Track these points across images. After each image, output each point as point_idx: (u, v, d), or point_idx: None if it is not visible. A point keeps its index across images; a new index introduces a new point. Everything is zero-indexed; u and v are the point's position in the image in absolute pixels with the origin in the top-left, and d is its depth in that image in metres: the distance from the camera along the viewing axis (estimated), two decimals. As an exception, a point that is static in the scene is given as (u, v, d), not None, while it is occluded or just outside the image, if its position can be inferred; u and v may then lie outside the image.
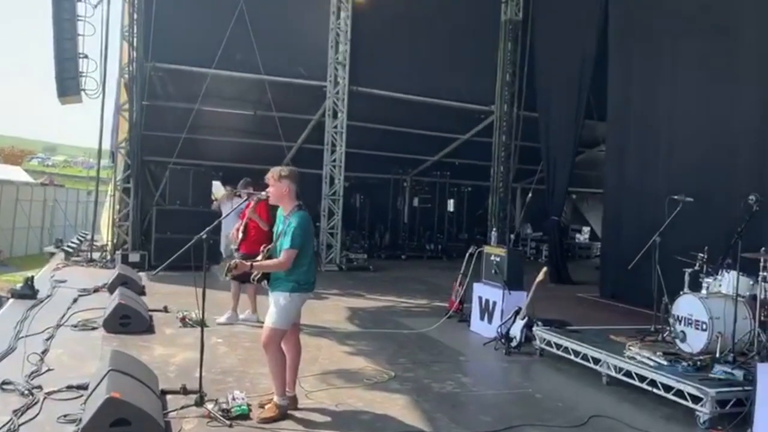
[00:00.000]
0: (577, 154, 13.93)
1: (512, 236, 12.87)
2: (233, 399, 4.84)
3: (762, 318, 5.69)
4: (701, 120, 9.93)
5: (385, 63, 14.88)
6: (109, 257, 12.96)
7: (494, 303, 7.96)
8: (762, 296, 5.70)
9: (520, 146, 16.43)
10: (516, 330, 7.28)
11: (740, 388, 5.08)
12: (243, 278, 5.56)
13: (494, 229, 10.39)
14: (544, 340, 7.04)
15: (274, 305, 4.78)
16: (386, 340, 7.64)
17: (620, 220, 11.75)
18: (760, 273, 5.70)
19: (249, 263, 4.72)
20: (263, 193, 5.06)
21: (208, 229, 4.86)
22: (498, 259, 8.16)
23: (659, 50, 10.87)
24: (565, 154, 13.59)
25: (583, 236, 21.04)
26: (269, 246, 4.92)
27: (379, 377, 6.01)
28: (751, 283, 6.00)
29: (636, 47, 11.59)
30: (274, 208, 5.14)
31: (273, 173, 4.92)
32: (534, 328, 7.24)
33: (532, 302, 7.44)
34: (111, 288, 9.04)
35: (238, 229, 7.97)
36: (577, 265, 16.33)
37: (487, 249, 8.59)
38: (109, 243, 13.44)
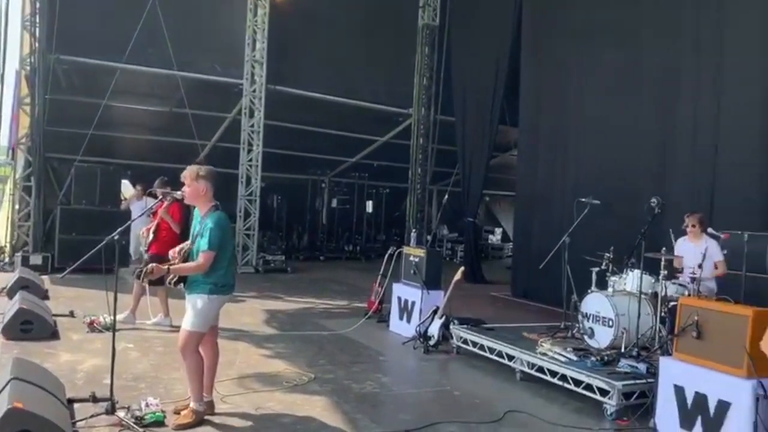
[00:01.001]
0: (491, 158, 14.33)
1: (429, 237, 13.10)
2: (147, 406, 4.66)
3: (662, 314, 6.07)
4: (607, 126, 10.44)
5: (304, 62, 14.75)
6: (7, 260, 12.19)
7: (413, 303, 8.06)
8: (662, 293, 6.08)
9: (437, 149, 16.74)
10: (434, 329, 7.40)
11: (644, 381, 5.38)
12: (157, 282, 5.37)
13: (414, 230, 10.51)
14: (461, 338, 7.20)
15: (191, 308, 4.63)
16: (305, 342, 7.58)
17: (531, 221, 12.18)
18: (661, 272, 6.07)
19: (166, 266, 4.55)
20: (179, 192, 4.89)
21: (120, 229, 4.66)
22: (417, 259, 8.27)
23: (569, 58, 11.37)
24: (480, 158, 13.96)
25: (495, 237, 21.70)
26: (185, 249, 4.75)
27: (299, 380, 5.95)
28: (653, 281, 6.40)
29: (547, 55, 12.06)
30: (188, 209, 4.98)
31: (190, 172, 4.75)
32: (451, 327, 7.39)
33: (449, 301, 7.59)
34: (10, 292, 8.48)
35: (148, 230, 7.70)
36: (490, 265, 16.79)
37: (406, 250, 8.69)
38: (8, 245, 12.62)
